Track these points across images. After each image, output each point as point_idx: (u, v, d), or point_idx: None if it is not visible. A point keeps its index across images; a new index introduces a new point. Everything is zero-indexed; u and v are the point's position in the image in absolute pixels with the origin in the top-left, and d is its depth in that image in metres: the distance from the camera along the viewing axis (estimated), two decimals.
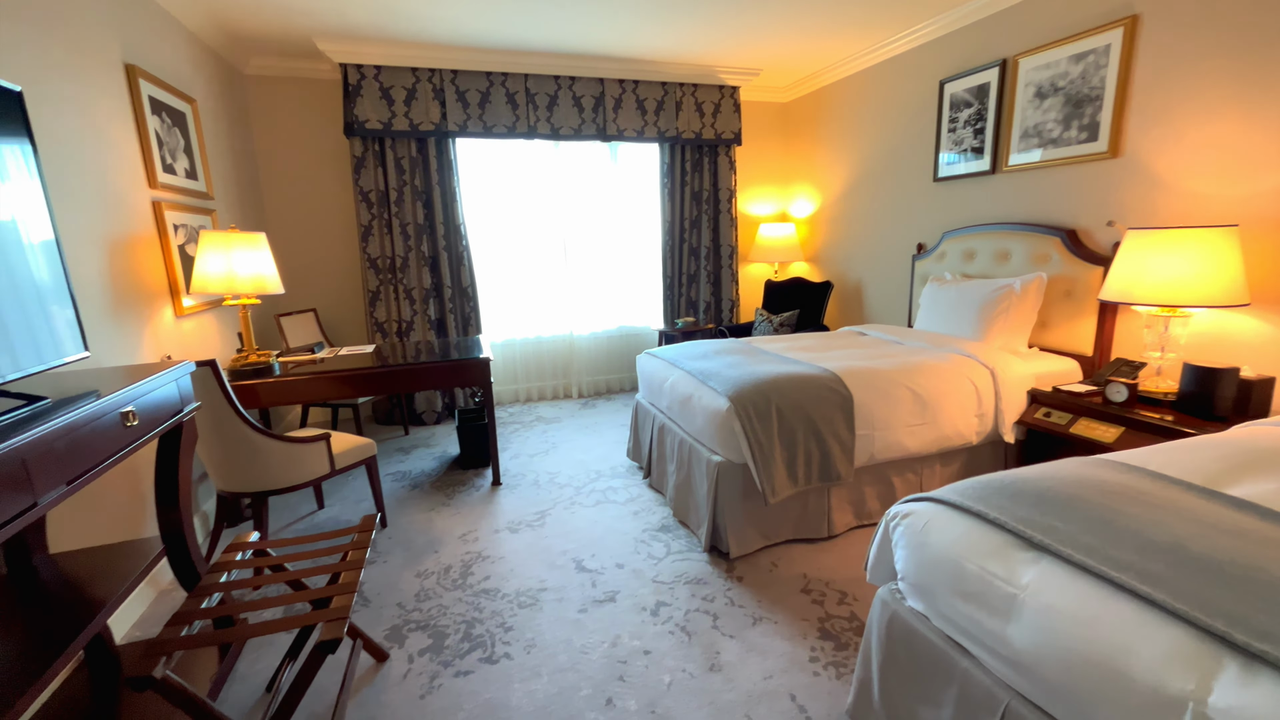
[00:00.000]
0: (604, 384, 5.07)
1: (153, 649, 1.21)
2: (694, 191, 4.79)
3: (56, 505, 1.27)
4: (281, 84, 4.04)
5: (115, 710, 1.60)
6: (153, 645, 1.22)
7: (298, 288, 4.29)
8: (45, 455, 1.16)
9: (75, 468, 1.24)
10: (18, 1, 1.86)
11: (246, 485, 2.33)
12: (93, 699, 1.63)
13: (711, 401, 2.43)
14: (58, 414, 1.21)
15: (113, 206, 2.27)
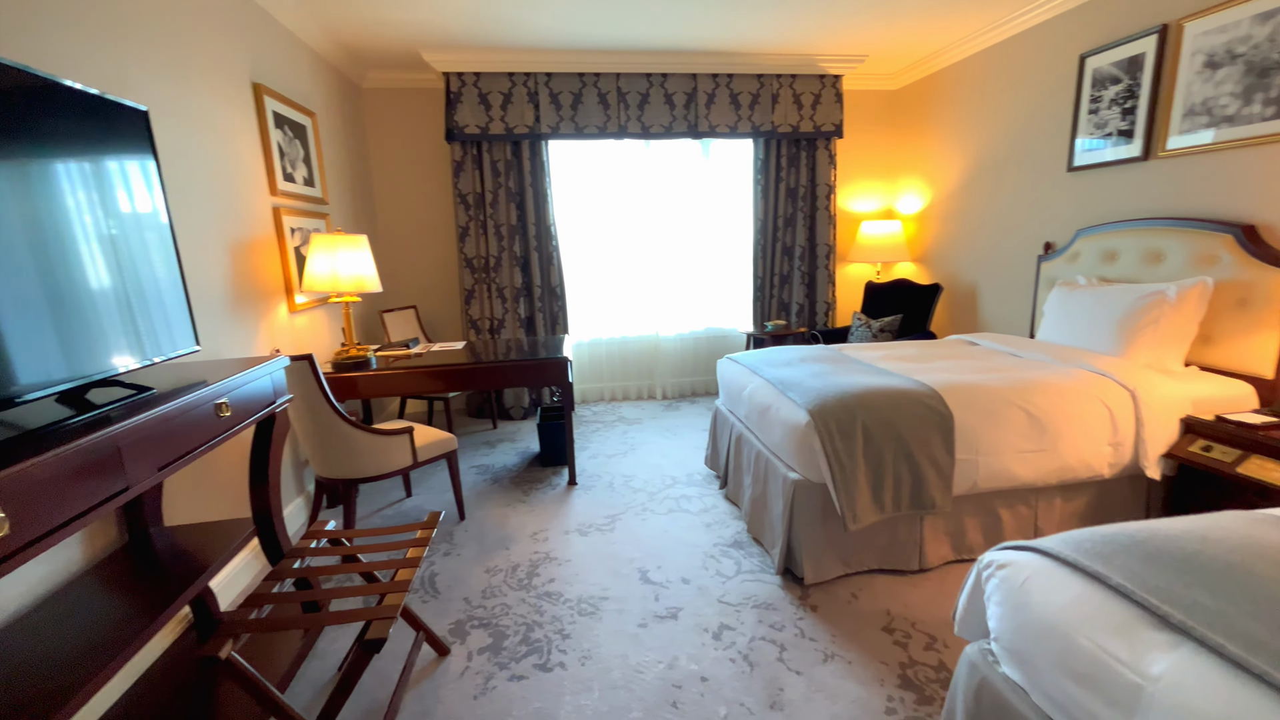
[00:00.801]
0: (688, 386, 4.98)
1: (222, 630, 1.29)
2: (789, 188, 4.56)
3: (149, 487, 1.39)
4: (392, 95, 4.32)
5: (214, 669, 1.75)
6: (223, 627, 1.30)
7: (400, 286, 4.58)
8: (140, 444, 1.26)
9: (168, 454, 1.35)
10: (159, 29, 2.09)
11: (338, 472, 2.49)
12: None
13: (790, 414, 2.26)
14: (156, 405, 1.32)
15: (237, 213, 2.50)
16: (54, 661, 1.25)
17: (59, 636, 1.34)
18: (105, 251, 1.42)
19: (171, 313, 1.64)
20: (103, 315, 1.39)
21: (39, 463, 1.00)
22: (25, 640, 1.32)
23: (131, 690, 1.69)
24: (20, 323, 1.20)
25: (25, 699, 1.14)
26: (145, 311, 1.55)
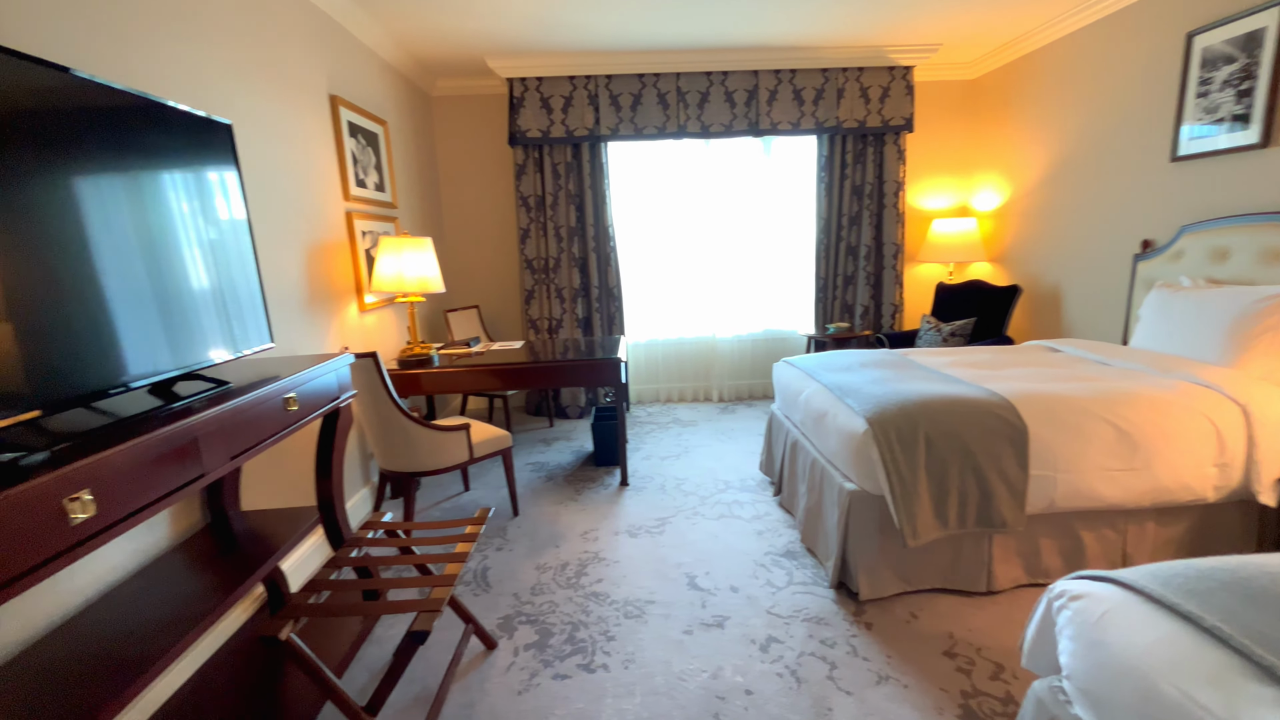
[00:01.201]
0: (745, 389, 4.88)
1: (283, 612, 1.36)
2: (855, 185, 4.39)
3: (224, 474, 1.49)
4: (459, 101, 4.47)
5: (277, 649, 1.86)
6: (284, 609, 1.38)
7: (464, 286, 4.74)
8: (215, 434, 1.35)
9: (240, 444, 1.45)
10: (250, 49, 2.25)
11: (399, 465, 2.60)
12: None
13: (847, 421, 2.16)
14: (231, 398, 1.42)
15: (312, 218, 2.66)
16: (142, 629, 1.36)
17: (147, 607, 1.46)
18: (195, 254, 1.54)
19: (250, 311, 1.76)
20: (193, 313, 1.51)
21: (123, 450, 1.09)
22: (118, 609, 1.45)
23: (210, 660, 1.82)
24: (131, 319, 1.32)
25: (117, 662, 1.24)
26: (228, 310, 1.67)
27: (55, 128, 1.20)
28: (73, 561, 0.99)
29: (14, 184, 1.10)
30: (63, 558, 0.97)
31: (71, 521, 0.99)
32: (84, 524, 1.01)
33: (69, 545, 0.99)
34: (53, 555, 0.96)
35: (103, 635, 1.35)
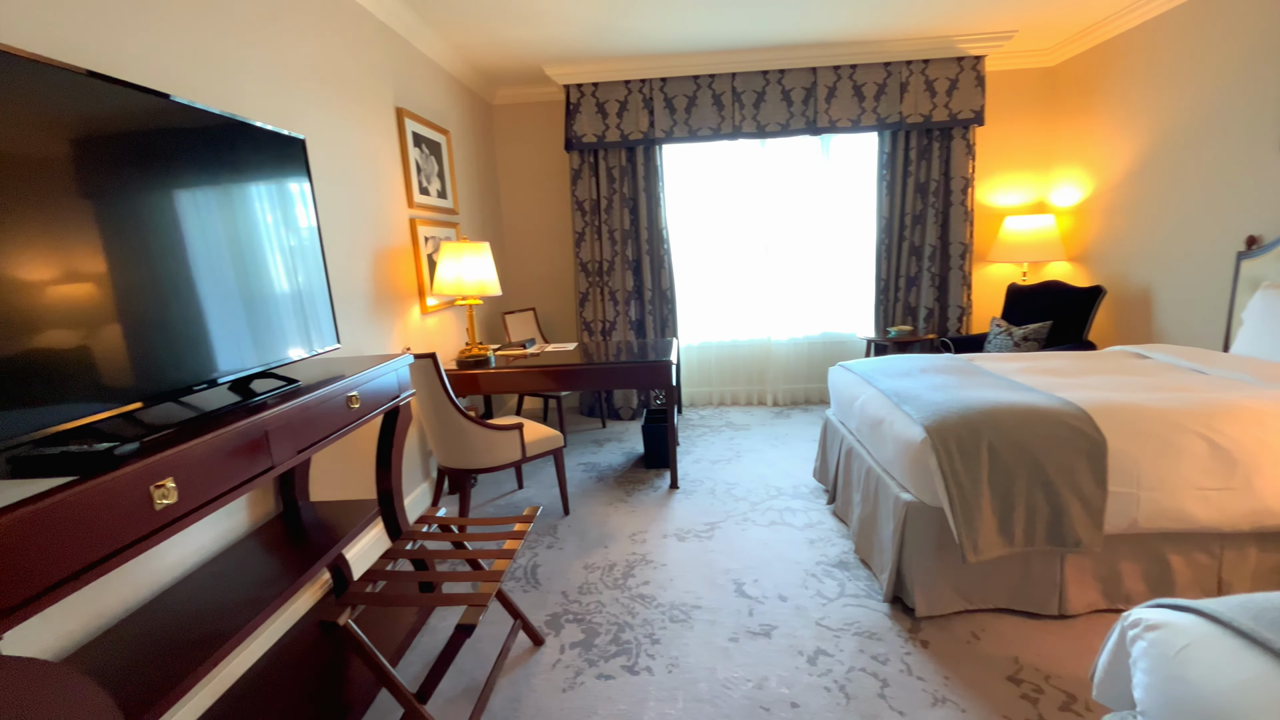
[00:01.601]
0: (801, 393, 4.77)
1: (342, 600, 1.44)
2: (919, 183, 4.21)
3: (294, 465, 1.59)
4: (519, 109, 4.60)
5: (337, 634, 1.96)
6: (344, 597, 1.45)
7: (521, 289, 4.86)
8: (282, 429, 1.45)
9: (305, 439, 1.54)
10: (322, 68, 2.39)
11: (456, 462, 2.69)
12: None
13: (904, 429, 2.08)
14: (298, 396, 1.51)
15: (378, 224, 2.80)
16: (221, 607, 1.47)
17: (226, 586, 1.58)
18: (275, 260, 1.66)
19: (320, 314, 1.87)
20: (274, 315, 1.62)
21: (202, 442, 1.18)
22: (199, 589, 1.57)
23: (282, 639, 1.95)
24: (220, 320, 1.45)
25: (200, 636, 1.35)
26: (304, 312, 1.78)
27: (157, 147, 1.32)
28: (158, 543, 1.08)
29: (123, 198, 1.22)
30: (149, 539, 1.07)
31: (157, 507, 1.09)
32: (167, 509, 1.10)
33: (154, 529, 1.08)
34: (141, 537, 1.05)
35: (188, 610, 1.47)
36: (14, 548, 0.86)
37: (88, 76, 1.17)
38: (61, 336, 1.10)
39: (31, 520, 0.87)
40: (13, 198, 1.02)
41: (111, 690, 1.19)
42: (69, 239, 1.11)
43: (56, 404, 1.07)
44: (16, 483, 0.96)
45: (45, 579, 0.90)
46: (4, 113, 1.01)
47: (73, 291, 1.12)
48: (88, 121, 1.17)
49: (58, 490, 0.92)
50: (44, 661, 0.90)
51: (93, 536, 0.97)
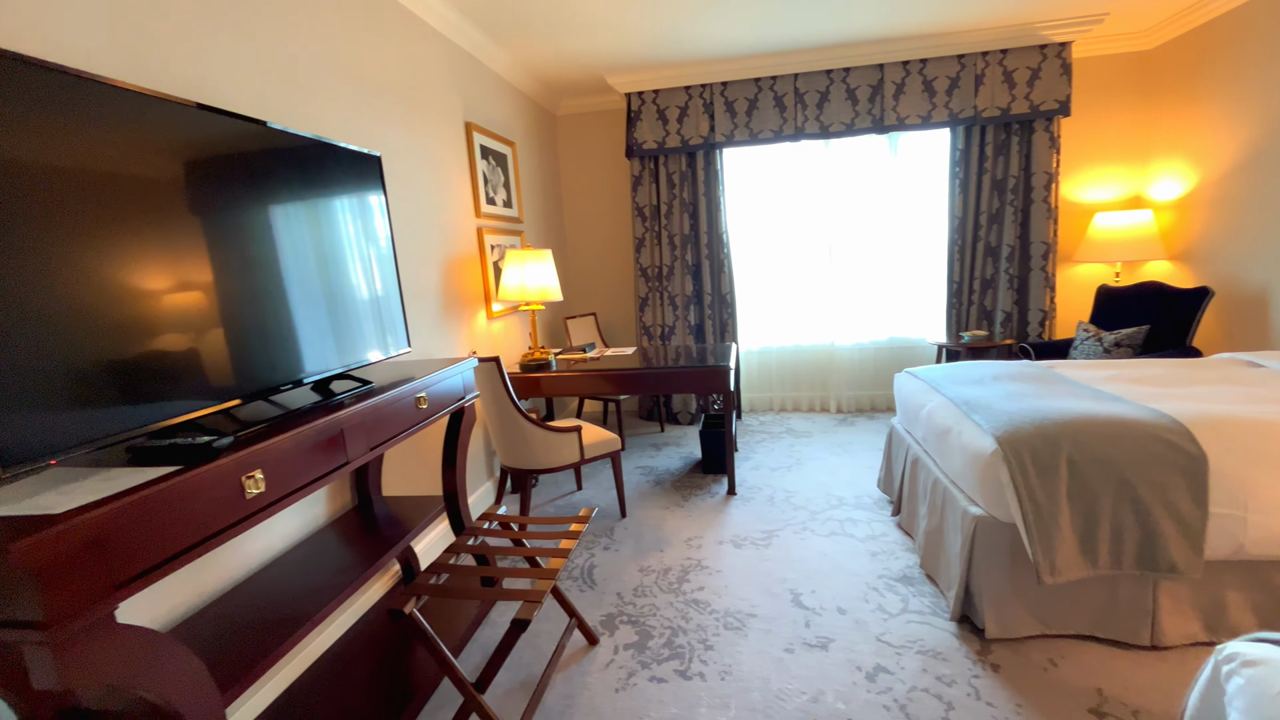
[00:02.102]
0: (867, 400, 4.61)
1: (409, 590, 1.53)
2: (995, 179, 3.98)
3: (366, 461, 1.70)
4: (581, 119, 4.71)
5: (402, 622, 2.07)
6: (409, 587, 1.54)
7: (582, 294, 4.96)
8: (357, 427, 1.55)
9: (377, 437, 1.64)
10: (397, 88, 2.55)
11: (517, 462, 2.78)
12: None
13: (973, 439, 1.97)
14: (371, 397, 1.62)
15: (448, 234, 2.94)
16: (303, 590, 1.60)
17: (306, 572, 1.71)
18: (356, 268, 1.78)
19: (393, 319, 1.99)
20: (355, 320, 1.74)
21: (287, 438, 1.29)
22: (283, 574, 1.70)
23: (356, 623, 2.08)
24: (309, 325, 1.58)
25: (281, 617, 1.47)
26: (381, 317, 1.90)
27: (255, 167, 1.46)
28: (248, 529, 1.19)
29: (226, 214, 1.36)
30: (241, 525, 1.17)
31: (248, 495, 1.19)
32: (256, 498, 1.21)
33: (245, 515, 1.19)
34: (234, 522, 1.16)
35: (274, 592, 1.60)
36: (129, 527, 0.97)
37: (197, 108, 1.31)
38: (175, 340, 1.23)
39: (144, 504, 0.98)
40: (137, 216, 1.16)
41: (206, 661, 1.31)
42: (181, 251, 1.25)
43: (171, 400, 1.20)
44: (133, 470, 1.09)
45: (155, 557, 1.01)
46: (130, 141, 1.16)
47: (184, 299, 1.25)
48: (197, 147, 1.31)
49: (166, 478, 1.03)
50: (152, 631, 1.02)
51: (194, 520, 1.08)
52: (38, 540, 0.84)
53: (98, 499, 0.95)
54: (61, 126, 1.04)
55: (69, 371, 1.03)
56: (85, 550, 0.91)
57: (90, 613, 0.90)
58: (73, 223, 1.05)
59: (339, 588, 1.60)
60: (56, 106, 1.03)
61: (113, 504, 0.94)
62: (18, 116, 0.98)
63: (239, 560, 1.69)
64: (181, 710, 1.05)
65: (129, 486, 1.00)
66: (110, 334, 1.11)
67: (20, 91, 0.98)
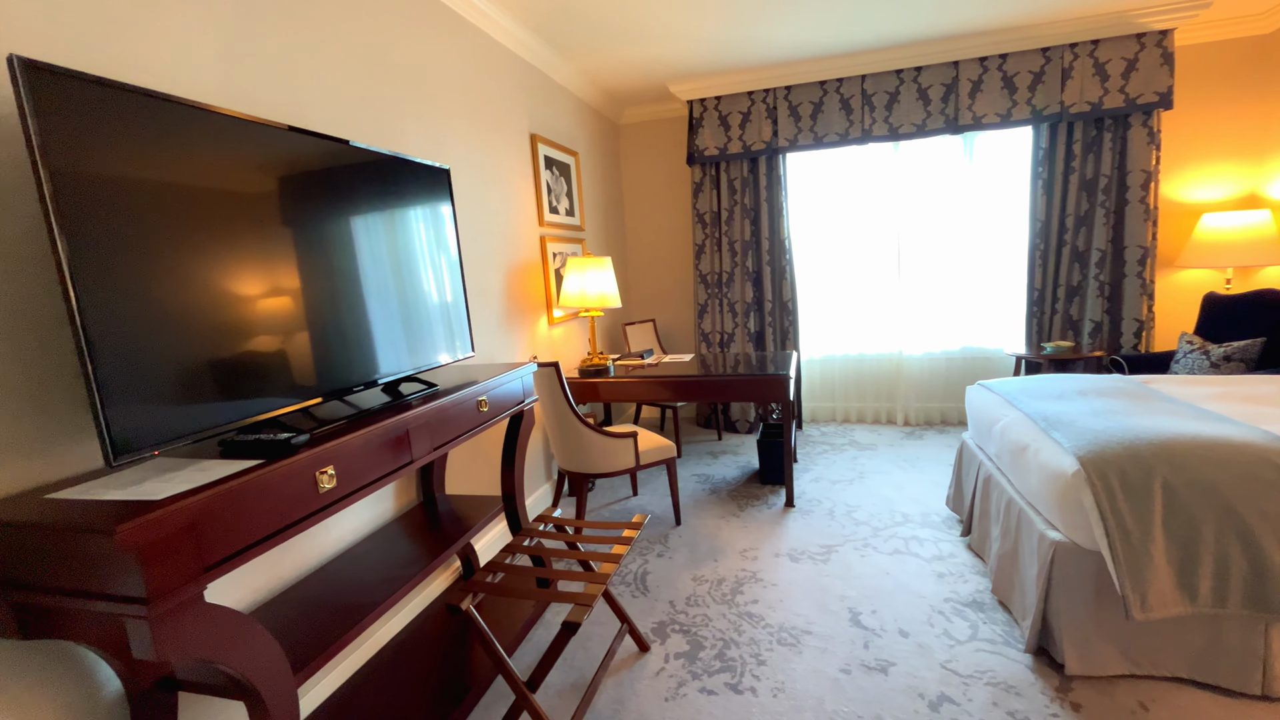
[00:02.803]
0: (936, 413, 4.39)
1: (466, 587, 1.58)
2: (1084, 179, 3.71)
3: (430, 461, 1.78)
4: (644, 128, 4.76)
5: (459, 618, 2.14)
6: (467, 584, 1.59)
7: (642, 300, 4.99)
8: (421, 428, 1.63)
9: (440, 438, 1.72)
10: (467, 104, 2.67)
11: (574, 466, 2.83)
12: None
13: (1052, 458, 1.84)
14: (436, 399, 1.69)
15: (512, 242, 3.04)
16: (370, 581, 1.69)
17: (373, 564, 1.80)
18: (427, 275, 1.88)
19: (459, 324, 2.08)
20: (425, 325, 1.84)
21: (357, 436, 1.37)
22: (352, 564, 1.80)
23: (419, 615, 2.17)
24: (384, 328, 1.68)
25: (348, 606, 1.56)
26: (450, 323, 1.99)
27: (338, 182, 1.57)
28: (320, 521, 1.27)
29: (313, 224, 1.48)
30: (313, 518, 1.25)
31: (320, 490, 1.27)
32: (328, 493, 1.29)
33: (318, 508, 1.27)
34: (307, 514, 1.24)
35: (344, 581, 1.70)
36: (218, 515, 1.06)
37: (289, 130, 1.43)
38: (267, 341, 1.34)
39: (231, 494, 1.07)
40: (237, 227, 1.28)
41: (281, 642, 1.41)
42: (274, 260, 1.36)
43: (260, 398, 1.30)
44: (223, 462, 1.18)
45: (239, 543, 1.09)
46: (232, 161, 1.28)
47: (276, 304, 1.36)
48: (288, 164, 1.43)
49: (249, 471, 1.12)
50: (235, 611, 1.10)
51: (273, 511, 1.16)
52: (141, 523, 0.93)
53: (192, 488, 1.05)
54: (175, 148, 1.16)
55: (176, 370, 1.14)
56: (181, 534, 1.00)
57: (183, 591, 0.99)
58: (184, 233, 1.16)
59: (403, 580, 1.68)
60: (172, 131, 1.16)
61: (205, 493, 1.03)
62: (142, 141, 1.10)
63: (315, 549, 1.80)
64: (259, 686, 1.13)
65: (218, 477, 1.09)
66: (211, 335, 1.21)
67: (143, 119, 1.10)
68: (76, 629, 1.10)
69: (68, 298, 0.97)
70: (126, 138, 1.08)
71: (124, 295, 1.06)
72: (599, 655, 2.00)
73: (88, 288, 1.00)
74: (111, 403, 1.03)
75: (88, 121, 1.02)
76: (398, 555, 1.85)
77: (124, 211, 1.07)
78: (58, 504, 1.03)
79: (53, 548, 0.98)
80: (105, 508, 0.98)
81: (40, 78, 0.96)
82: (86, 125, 1.02)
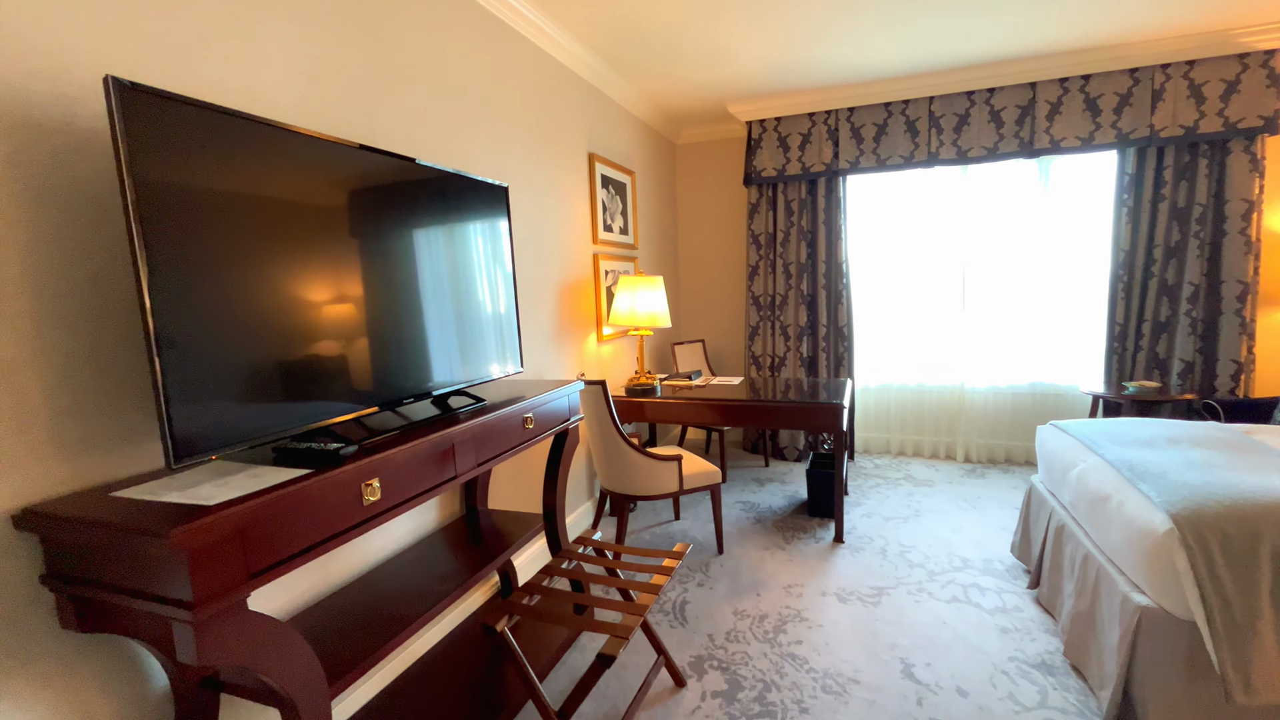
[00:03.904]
0: (1000, 451, 4.13)
1: (502, 607, 1.56)
2: (1175, 208, 3.45)
3: (473, 477, 1.78)
4: (701, 148, 4.75)
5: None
6: (502, 604, 1.57)
7: (692, 320, 4.95)
8: (467, 443, 1.63)
9: (485, 454, 1.71)
10: (528, 124, 2.72)
11: (616, 487, 2.79)
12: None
13: (1139, 513, 1.67)
14: (483, 415, 1.69)
15: (566, 259, 3.07)
16: (409, 593, 1.69)
17: (413, 576, 1.81)
18: (483, 290, 1.90)
19: (510, 340, 2.09)
20: (478, 339, 1.86)
21: (402, 450, 1.38)
22: (393, 575, 1.81)
23: (456, 629, 2.17)
24: (438, 340, 1.71)
25: (386, 618, 1.57)
26: (498, 338, 2.01)
27: (403, 197, 1.63)
28: (363, 533, 1.28)
29: (379, 237, 1.53)
30: (356, 529, 1.26)
31: (365, 502, 1.28)
32: (372, 505, 1.30)
33: (361, 520, 1.27)
34: (350, 526, 1.25)
35: (385, 591, 1.71)
36: (265, 523, 1.07)
37: (359, 149, 1.49)
38: (330, 346, 1.38)
39: (278, 503, 1.08)
40: (311, 237, 1.33)
41: (319, 652, 1.42)
42: (340, 268, 1.40)
43: (316, 403, 1.33)
44: (275, 469, 1.21)
45: (283, 551, 1.10)
46: (307, 176, 1.33)
47: (337, 311, 1.40)
48: (358, 180, 1.48)
49: (296, 480, 1.13)
50: (276, 620, 1.11)
51: (318, 521, 1.17)
52: (193, 528, 0.95)
53: (244, 494, 1.07)
54: (254, 164, 1.21)
55: (237, 376, 1.17)
56: (230, 540, 1.01)
57: (228, 597, 1.00)
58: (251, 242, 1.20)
59: (441, 595, 1.68)
60: (251, 148, 1.21)
61: (254, 500, 1.05)
62: (224, 157, 1.15)
63: (358, 557, 1.82)
64: (295, 697, 1.13)
65: (268, 485, 1.11)
66: (275, 342, 1.25)
67: (225, 137, 1.15)
68: (130, 625, 1.13)
69: (141, 302, 1.02)
70: (204, 152, 1.13)
71: (193, 301, 1.10)
72: (633, 686, 1.94)
73: (160, 291, 1.04)
74: (175, 406, 1.06)
75: (170, 136, 1.07)
76: (437, 569, 1.85)
77: (198, 222, 1.11)
78: (118, 502, 1.07)
79: (110, 545, 1.01)
80: (161, 510, 1.01)
81: (132, 97, 1.01)
82: (169, 140, 1.07)
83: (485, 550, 1.98)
